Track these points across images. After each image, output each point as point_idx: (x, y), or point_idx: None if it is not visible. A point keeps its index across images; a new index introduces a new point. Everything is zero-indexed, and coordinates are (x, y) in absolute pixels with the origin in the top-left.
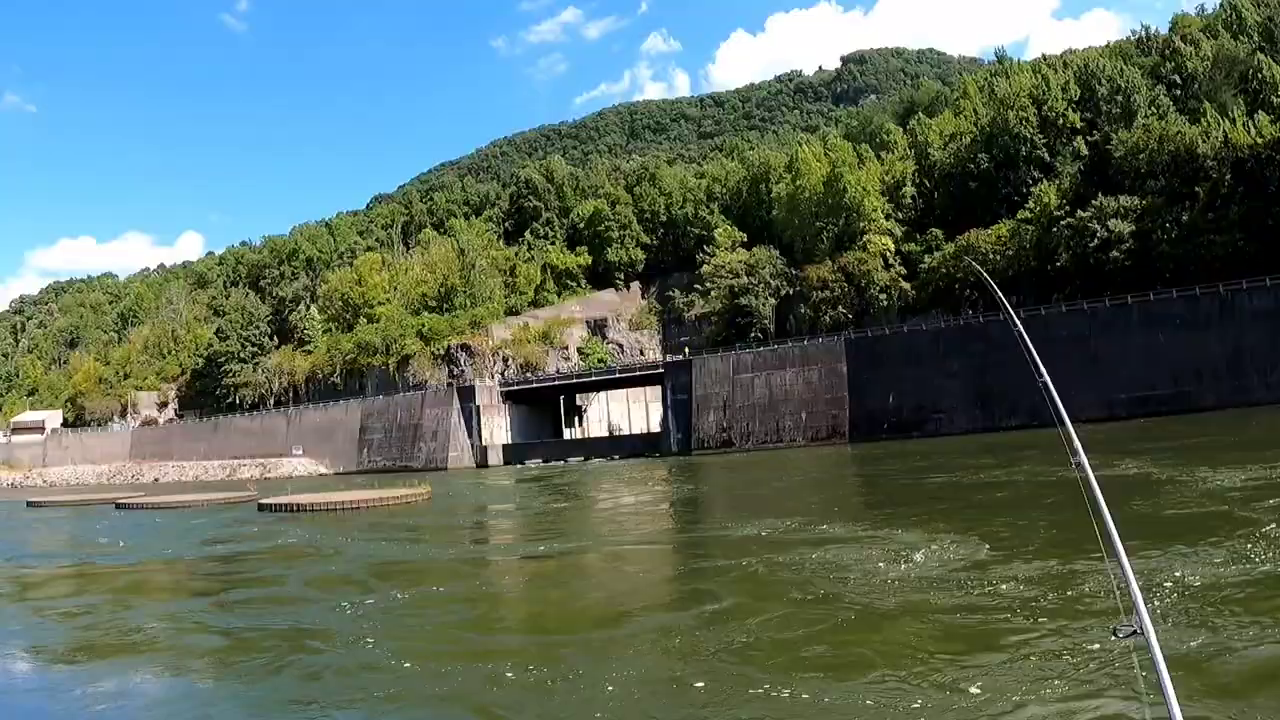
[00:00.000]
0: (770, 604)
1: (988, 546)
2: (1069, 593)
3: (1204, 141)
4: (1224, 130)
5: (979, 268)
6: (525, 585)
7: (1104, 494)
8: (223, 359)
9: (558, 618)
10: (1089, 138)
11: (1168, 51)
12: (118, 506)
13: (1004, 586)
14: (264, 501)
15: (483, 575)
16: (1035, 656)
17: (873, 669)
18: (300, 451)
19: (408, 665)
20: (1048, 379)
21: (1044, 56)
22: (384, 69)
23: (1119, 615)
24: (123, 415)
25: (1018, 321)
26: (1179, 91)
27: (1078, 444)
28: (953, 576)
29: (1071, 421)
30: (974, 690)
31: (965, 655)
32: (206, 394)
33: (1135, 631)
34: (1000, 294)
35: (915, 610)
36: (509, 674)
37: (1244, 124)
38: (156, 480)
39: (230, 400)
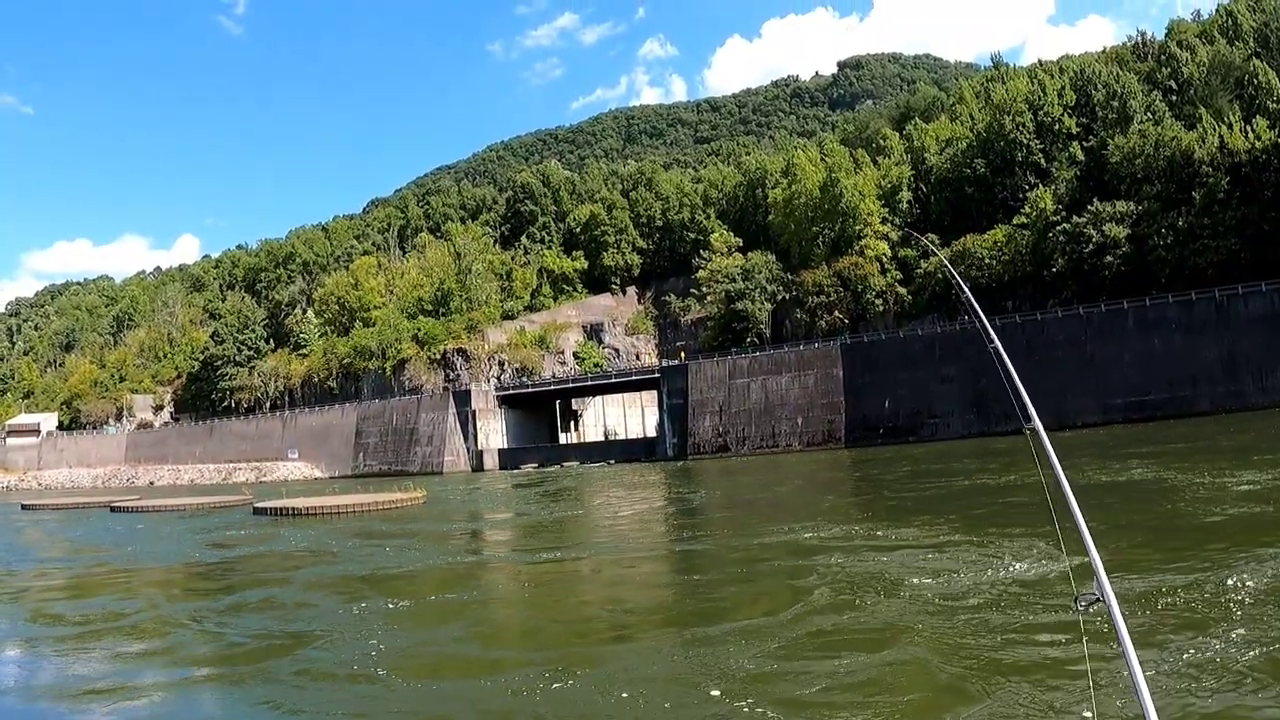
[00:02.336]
0: (790, 620)
1: (1011, 554)
2: (1158, 603)
3: (1200, 146)
4: (1220, 135)
5: (947, 263)
6: (525, 596)
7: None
8: (218, 362)
9: (560, 631)
10: (1085, 143)
11: (1163, 57)
12: (113, 510)
13: (1040, 596)
14: (259, 505)
15: (481, 584)
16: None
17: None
18: (295, 455)
19: (411, 677)
20: (999, 344)
21: (1040, 62)
22: (380, 73)
23: (1085, 584)
24: (118, 418)
25: (966, 290)
26: (1175, 97)
27: (1031, 410)
28: (985, 587)
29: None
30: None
31: (1005, 680)
32: (202, 397)
33: (1097, 599)
34: (959, 278)
35: (957, 624)
36: (510, 689)
37: (1241, 129)
38: (151, 483)
39: (226, 403)
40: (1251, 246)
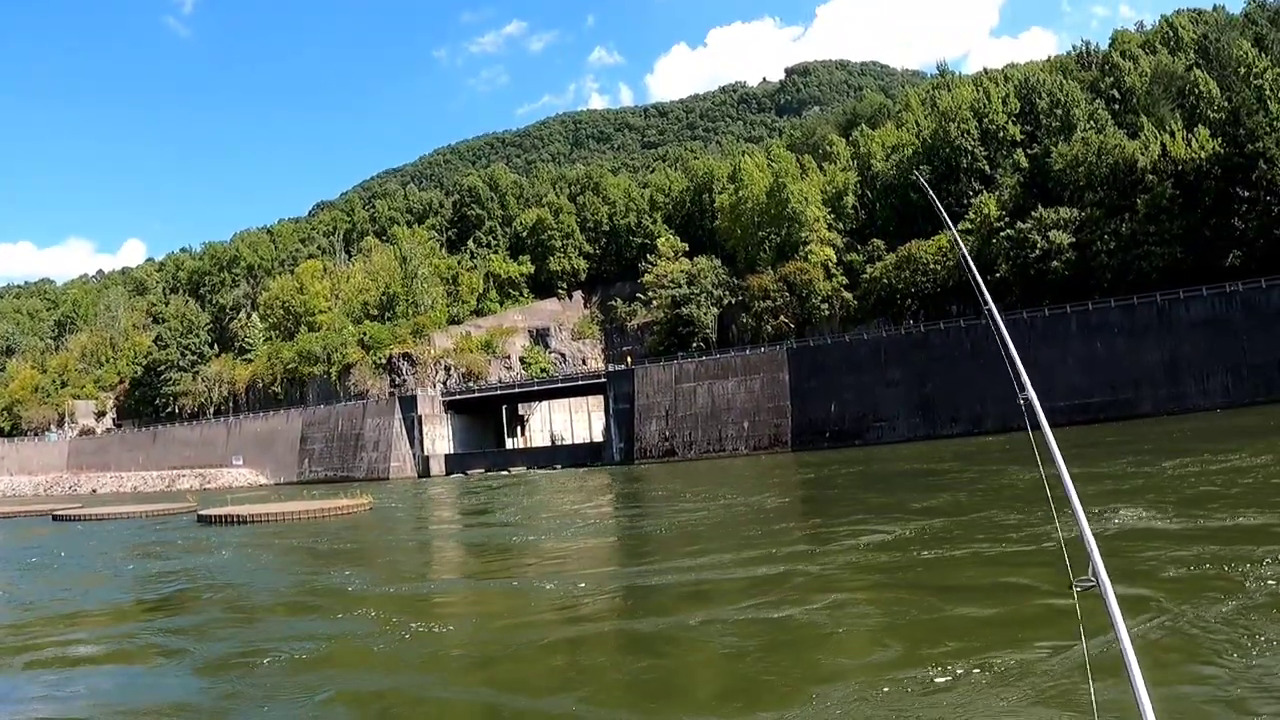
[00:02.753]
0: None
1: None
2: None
3: (1143, 155)
4: (1162, 144)
5: (961, 245)
6: (470, 616)
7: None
8: (162, 367)
9: (509, 668)
10: (1029, 150)
11: (1106, 66)
12: (55, 518)
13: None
14: (204, 513)
15: (424, 602)
16: None
17: None
18: (240, 461)
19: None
20: (993, 306)
21: (985, 70)
22: (326, 76)
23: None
24: (60, 424)
25: (963, 247)
26: (1117, 106)
27: (1025, 379)
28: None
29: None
30: None
31: None
32: (145, 403)
33: (1093, 585)
34: (960, 242)
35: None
36: None
37: (1183, 138)
38: (94, 491)
39: (169, 409)
40: (1194, 253)
